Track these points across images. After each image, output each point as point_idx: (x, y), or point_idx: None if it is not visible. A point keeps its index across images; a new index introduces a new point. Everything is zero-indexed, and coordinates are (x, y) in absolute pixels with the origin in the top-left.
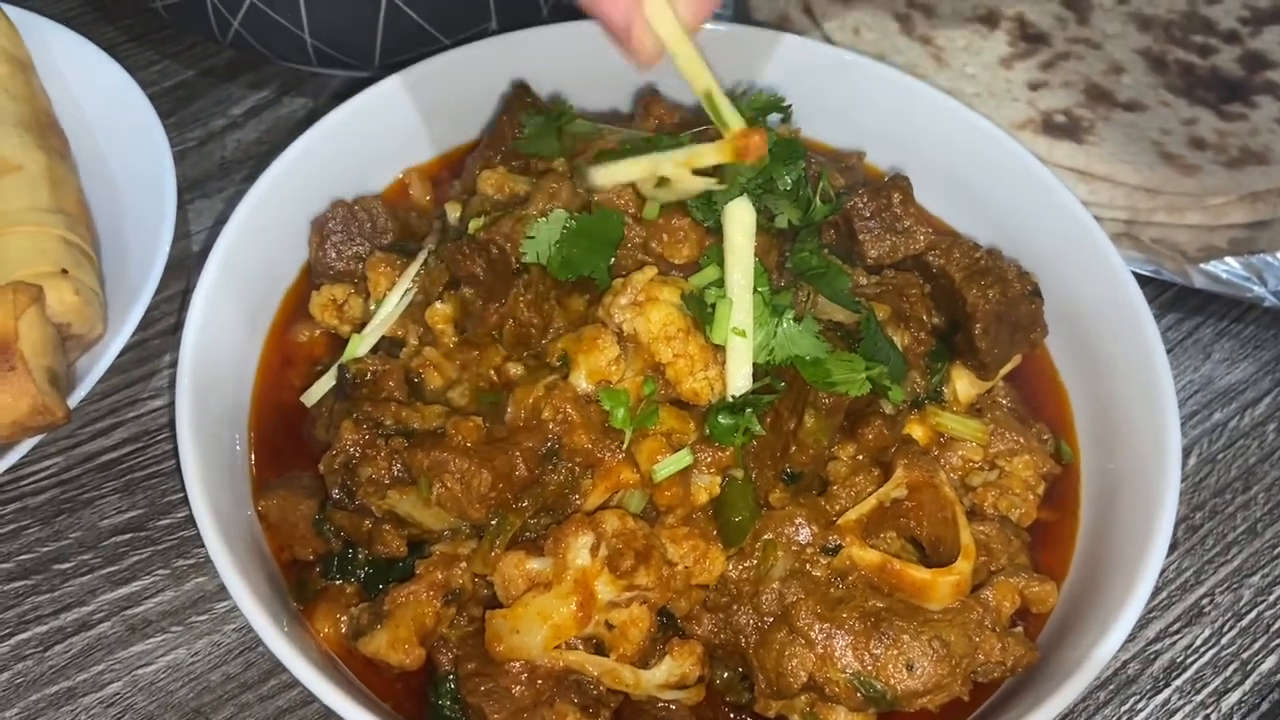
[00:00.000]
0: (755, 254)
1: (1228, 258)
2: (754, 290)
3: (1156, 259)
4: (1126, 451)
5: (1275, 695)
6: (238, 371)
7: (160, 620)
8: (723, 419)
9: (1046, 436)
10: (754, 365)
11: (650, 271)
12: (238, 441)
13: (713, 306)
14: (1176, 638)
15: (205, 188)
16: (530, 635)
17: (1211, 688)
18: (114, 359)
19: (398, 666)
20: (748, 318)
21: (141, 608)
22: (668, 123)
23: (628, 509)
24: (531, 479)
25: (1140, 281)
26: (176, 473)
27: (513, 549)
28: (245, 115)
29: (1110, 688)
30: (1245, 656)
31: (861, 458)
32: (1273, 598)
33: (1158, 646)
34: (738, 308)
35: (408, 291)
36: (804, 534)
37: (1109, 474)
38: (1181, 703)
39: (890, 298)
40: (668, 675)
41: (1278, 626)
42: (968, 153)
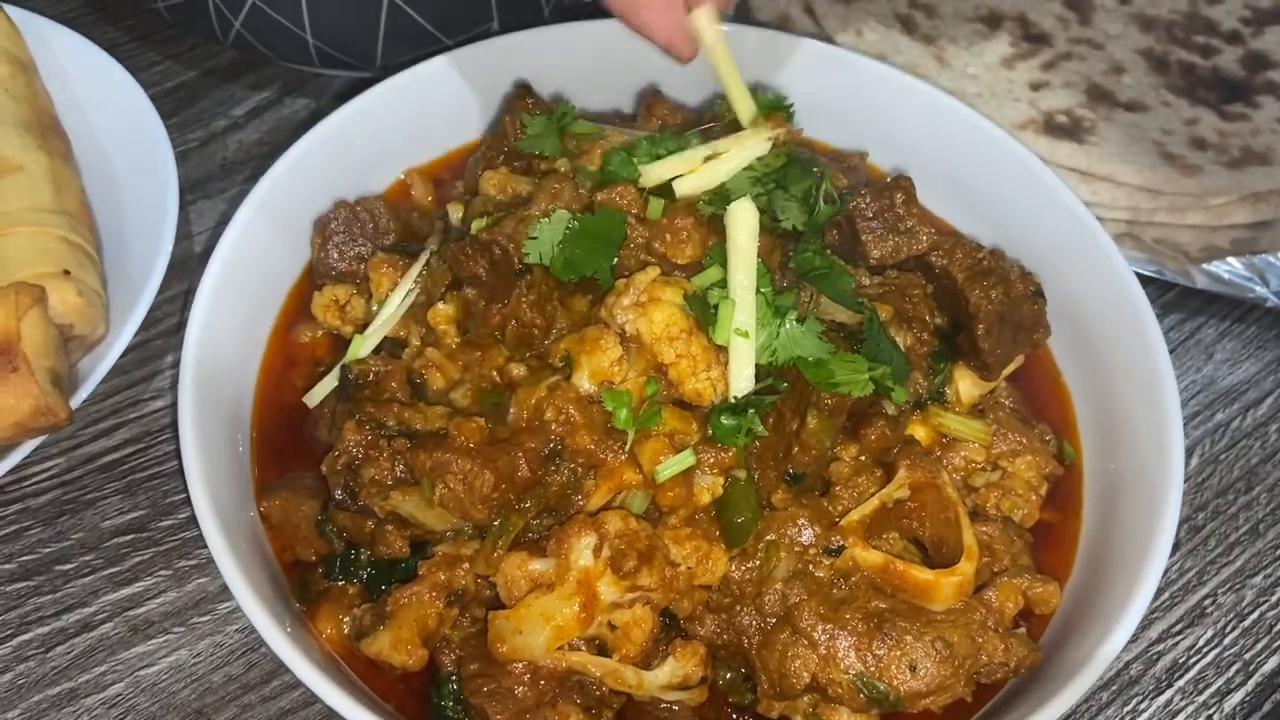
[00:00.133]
0: (758, 254)
1: (1230, 258)
2: (757, 291)
3: (1158, 259)
4: (1129, 452)
5: (1278, 696)
6: (240, 372)
7: (162, 621)
8: (725, 420)
9: (1049, 437)
10: (756, 366)
11: (653, 272)
12: (240, 442)
13: (715, 307)
14: (1179, 638)
15: (207, 188)
16: (533, 636)
17: (1214, 688)
18: (116, 360)
19: (400, 667)
20: (750, 318)
21: (144, 609)
22: (670, 123)
23: (630, 510)
24: (534, 480)
25: (1142, 282)
26: (179, 473)
27: (515, 550)
28: (247, 116)
29: (1113, 688)
30: (1248, 657)
31: (864, 458)
32: (1275, 598)
33: (1160, 647)
34: (740, 308)
35: (410, 292)
36: (807, 535)
37: (1111, 474)
38: (1184, 703)
39: (893, 298)
40: (670, 676)
41: None
42: (969, 153)
